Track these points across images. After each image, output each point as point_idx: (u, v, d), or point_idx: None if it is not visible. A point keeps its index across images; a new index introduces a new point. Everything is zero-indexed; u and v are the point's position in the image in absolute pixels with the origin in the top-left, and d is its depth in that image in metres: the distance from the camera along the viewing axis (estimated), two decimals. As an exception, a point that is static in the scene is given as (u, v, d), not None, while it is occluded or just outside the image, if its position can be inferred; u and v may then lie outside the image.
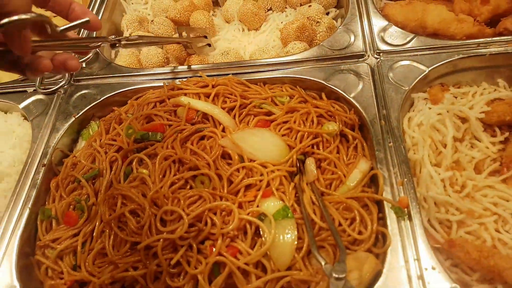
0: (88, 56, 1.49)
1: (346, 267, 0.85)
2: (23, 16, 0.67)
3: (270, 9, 1.69)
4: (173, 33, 1.65)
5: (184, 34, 1.46)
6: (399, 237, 0.97)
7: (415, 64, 1.27)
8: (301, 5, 1.65)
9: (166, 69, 1.46)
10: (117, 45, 1.05)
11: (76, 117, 1.38)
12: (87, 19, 0.84)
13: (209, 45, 1.55)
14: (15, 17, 0.66)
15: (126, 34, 1.70)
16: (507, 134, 1.19)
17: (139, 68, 1.55)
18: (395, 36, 1.37)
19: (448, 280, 0.90)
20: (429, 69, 1.25)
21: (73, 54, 0.89)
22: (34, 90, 1.49)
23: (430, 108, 1.21)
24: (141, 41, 1.16)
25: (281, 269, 0.96)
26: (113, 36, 1.02)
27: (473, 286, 0.99)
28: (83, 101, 1.42)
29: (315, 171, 1.13)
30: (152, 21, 1.65)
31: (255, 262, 0.97)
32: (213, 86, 1.30)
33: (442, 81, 1.29)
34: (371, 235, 0.99)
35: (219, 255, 0.98)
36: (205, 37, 1.53)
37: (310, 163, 1.14)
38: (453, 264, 1.02)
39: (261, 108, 1.25)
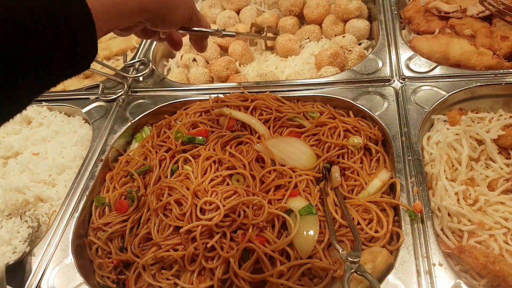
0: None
1: (360, 254, 0.97)
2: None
3: (308, 38, 1.87)
4: (219, 56, 1.85)
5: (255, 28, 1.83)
6: (411, 237, 1.08)
7: (435, 89, 1.40)
8: (335, 35, 1.83)
9: (212, 85, 1.65)
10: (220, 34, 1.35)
11: (132, 122, 1.56)
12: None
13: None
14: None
15: (178, 55, 1.91)
16: (520, 156, 1.29)
17: (188, 83, 1.74)
18: (420, 64, 1.51)
19: (454, 276, 0.99)
20: (448, 94, 1.38)
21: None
22: (96, 97, 1.69)
23: (448, 129, 1.32)
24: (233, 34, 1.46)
25: (303, 257, 1.07)
26: (218, 28, 1.34)
27: (481, 291, 1.07)
28: (139, 109, 1.61)
29: (339, 178, 1.25)
30: (201, 44, 1.86)
31: (280, 250, 1.08)
32: (252, 100, 1.46)
33: (461, 106, 1.41)
34: (386, 234, 1.10)
35: (249, 242, 1.09)
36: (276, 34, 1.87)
37: (335, 170, 1.26)
38: (463, 270, 1.10)
39: (293, 121, 1.40)
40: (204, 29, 1.18)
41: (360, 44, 1.80)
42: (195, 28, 1.16)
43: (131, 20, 0.91)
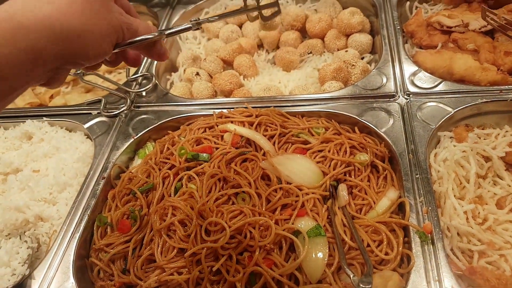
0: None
1: (372, 280, 0.95)
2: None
3: (310, 52, 1.86)
4: (222, 70, 1.83)
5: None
6: (422, 259, 1.06)
7: (441, 105, 1.39)
8: (338, 50, 1.82)
9: (215, 100, 1.63)
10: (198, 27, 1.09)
11: (135, 138, 1.53)
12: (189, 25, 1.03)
13: (277, 12, 1.54)
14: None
15: (181, 69, 1.90)
16: (528, 174, 1.27)
17: (192, 98, 1.72)
18: (424, 80, 1.50)
19: (467, 300, 0.97)
20: (454, 110, 1.37)
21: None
22: (98, 112, 1.66)
23: (455, 146, 1.31)
24: (216, 18, 1.19)
25: (312, 282, 1.05)
26: (193, 19, 1.08)
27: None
28: (141, 124, 1.58)
29: (346, 197, 1.23)
30: (204, 59, 1.84)
31: (288, 274, 1.06)
32: (256, 116, 1.44)
33: (467, 122, 1.40)
34: (397, 256, 1.08)
35: (256, 265, 1.07)
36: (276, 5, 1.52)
37: (342, 189, 1.24)
38: (474, 291, 1.09)
39: (299, 137, 1.39)
40: (140, 38, 0.90)
41: (363, 58, 1.79)
42: (130, 41, 0.90)
43: (37, 78, 0.70)
